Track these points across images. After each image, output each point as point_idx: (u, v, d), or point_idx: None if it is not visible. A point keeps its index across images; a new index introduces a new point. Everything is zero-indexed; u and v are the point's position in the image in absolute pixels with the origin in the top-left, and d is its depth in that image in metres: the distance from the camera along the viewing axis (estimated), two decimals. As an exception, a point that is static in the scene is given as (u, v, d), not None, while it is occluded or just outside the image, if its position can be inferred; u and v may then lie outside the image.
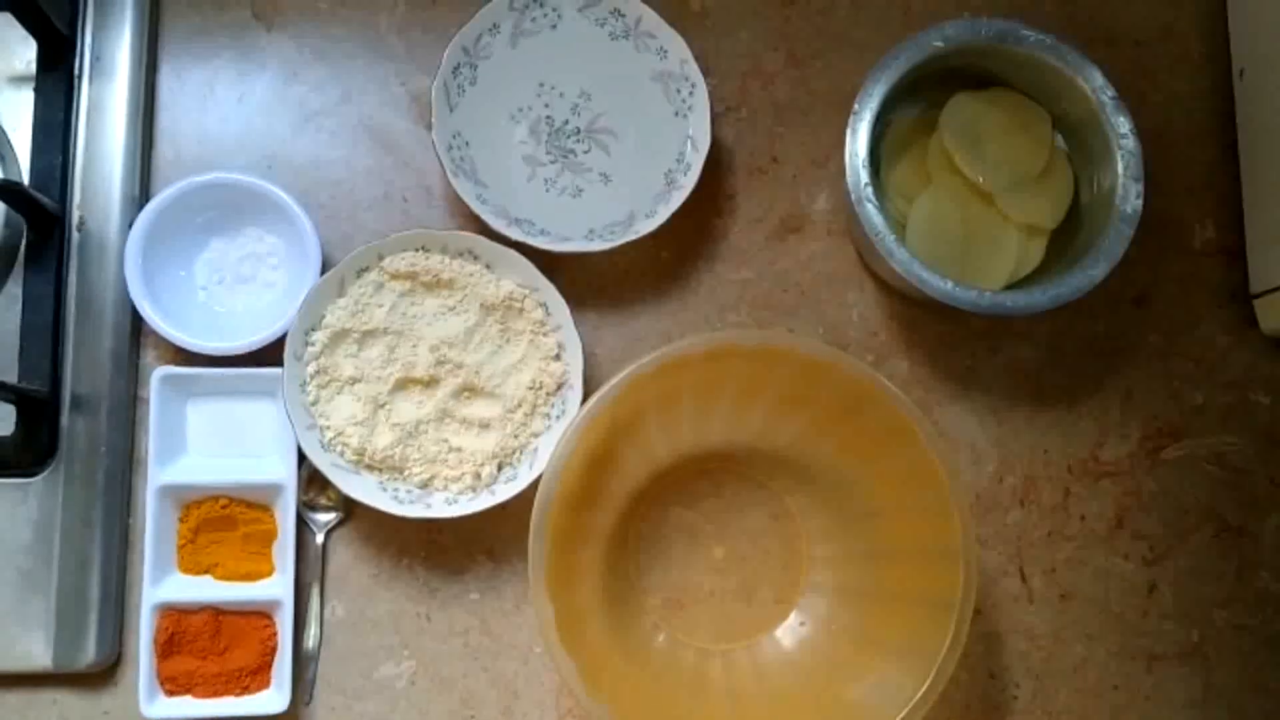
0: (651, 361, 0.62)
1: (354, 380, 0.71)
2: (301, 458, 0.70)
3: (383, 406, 0.71)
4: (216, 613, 0.69)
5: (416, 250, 0.72)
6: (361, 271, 0.71)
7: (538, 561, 0.61)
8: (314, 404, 0.70)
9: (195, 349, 0.70)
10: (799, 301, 0.78)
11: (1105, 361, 0.79)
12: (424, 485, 0.70)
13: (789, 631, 0.73)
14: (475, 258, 0.72)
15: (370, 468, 0.70)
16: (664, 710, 0.66)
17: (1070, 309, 0.72)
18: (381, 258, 0.72)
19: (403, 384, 0.72)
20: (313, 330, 0.71)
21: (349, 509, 0.73)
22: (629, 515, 0.71)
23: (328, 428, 0.70)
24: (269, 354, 0.71)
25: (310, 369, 0.70)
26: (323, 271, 0.72)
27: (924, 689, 0.61)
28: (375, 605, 0.72)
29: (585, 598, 0.67)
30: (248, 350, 0.71)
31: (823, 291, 0.78)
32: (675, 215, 0.73)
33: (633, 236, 0.73)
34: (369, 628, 0.72)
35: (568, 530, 0.63)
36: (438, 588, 0.73)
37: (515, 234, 0.72)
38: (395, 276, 0.72)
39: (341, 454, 0.70)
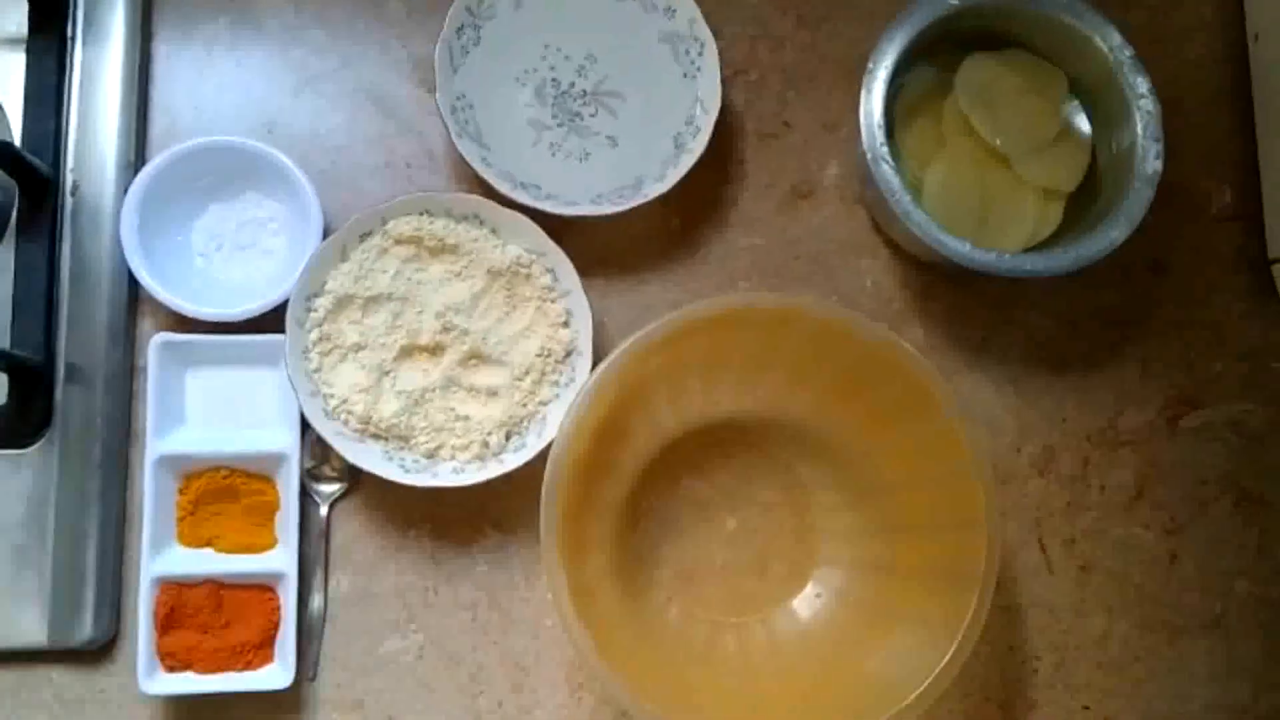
0: (662, 326, 0.60)
1: (358, 347, 0.69)
2: (304, 427, 0.69)
3: (388, 374, 0.69)
4: (218, 586, 0.67)
5: (420, 214, 0.70)
6: (364, 236, 0.70)
7: (550, 529, 0.59)
8: (317, 371, 0.68)
9: (194, 315, 0.68)
10: (811, 269, 0.76)
11: (1122, 330, 0.77)
12: (430, 454, 0.68)
13: (804, 604, 0.71)
14: (481, 222, 0.71)
15: (375, 436, 0.68)
16: (677, 683, 0.64)
17: (1086, 277, 0.71)
18: (385, 222, 0.70)
19: (408, 351, 0.70)
20: (315, 296, 0.69)
21: (354, 479, 0.71)
22: (639, 487, 0.70)
23: (331, 395, 0.68)
24: (269, 321, 0.69)
25: (313, 335, 0.68)
26: (324, 238, 0.70)
27: (944, 662, 0.60)
28: (381, 578, 0.71)
29: (596, 570, 0.65)
30: (248, 317, 0.69)
31: (835, 259, 0.76)
32: (684, 181, 0.72)
33: (641, 200, 0.71)
34: (374, 601, 0.70)
35: (578, 500, 0.61)
36: (444, 560, 0.72)
37: (521, 198, 0.71)
38: (399, 241, 0.70)
39: (346, 422, 0.68)
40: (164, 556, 0.67)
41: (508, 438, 0.69)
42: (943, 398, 0.62)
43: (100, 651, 0.68)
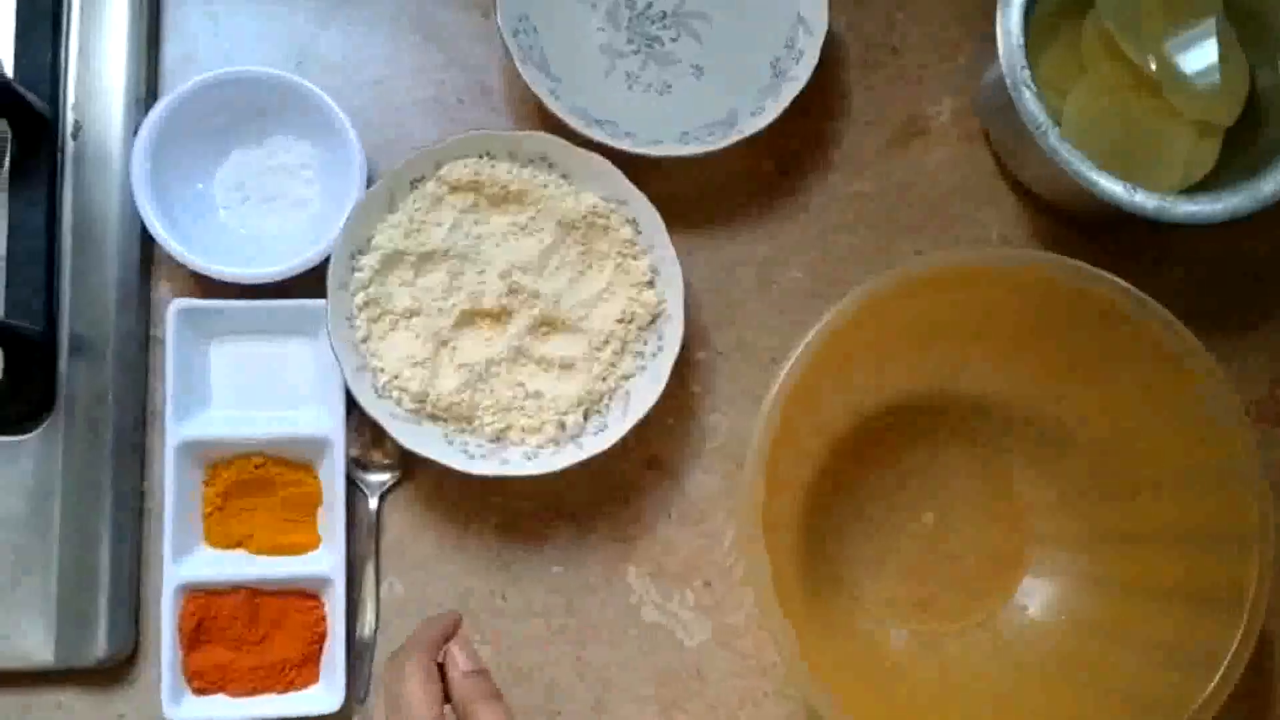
0: (890, 281, 0.55)
1: (411, 313, 0.61)
2: (350, 406, 0.61)
3: (446, 344, 0.61)
4: (253, 593, 0.60)
5: (480, 156, 0.61)
6: (415, 183, 0.61)
7: (754, 507, 0.53)
8: (365, 341, 0.60)
9: (218, 277, 0.60)
10: (925, 218, 0.68)
11: (1274, 286, 0.68)
12: (497, 437, 0.60)
13: (1008, 618, 0.64)
14: (550, 166, 0.62)
15: (433, 417, 0.60)
16: (865, 694, 0.58)
17: (1237, 225, 0.61)
18: (439, 166, 0.61)
19: (469, 317, 0.61)
20: (360, 254, 0.60)
21: (407, 467, 0.63)
22: (826, 471, 0.64)
23: (382, 370, 0.60)
24: (305, 284, 0.61)
25: (359, 300, 0.60)
26: (366, 187, 0.61)
27: (1205, 697, 0.52)
28: (440, 582, 0.63)
29: (779, 561, 0.58)
30: (280, 279, 0.61)
31: (953, 206, 0.68)
32: (778, 117, 0.63)
33: (738, 137, 0.62)
34: (433, 608, 0.63)
35: (769, 488, 0.55)
36: (512, 560, 0.64)
37: (597, 135, 0.61)
38: (455, 189, 0.61)
39: (399, 401, 0.60)
40: (189, 560, 0.60)
41: (586, 417, 0.61)
42: (1214, 390, 0.55)
43: (117, 671, 0.61)
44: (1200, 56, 0.65)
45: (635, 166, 0.62)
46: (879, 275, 0.56)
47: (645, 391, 0.60)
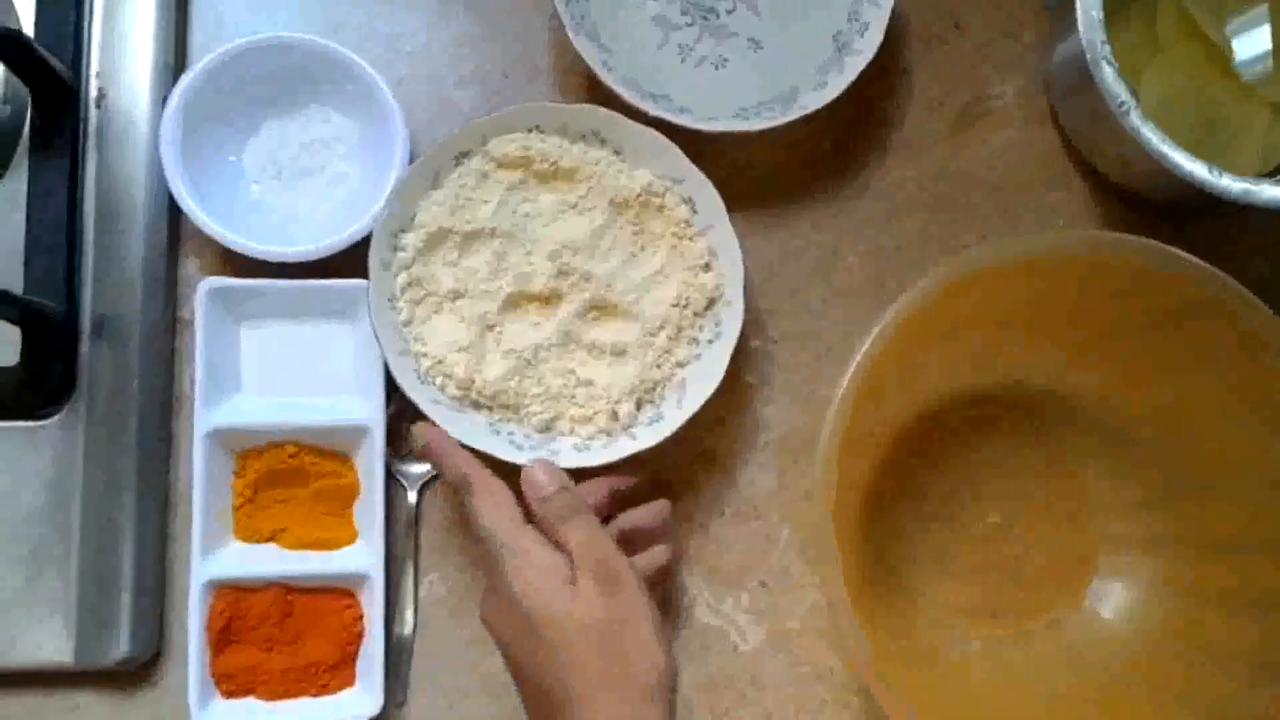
0: (964, 266, 0.53)
1: (455, 295, 0.58)
2: (390, 393, 0.57)
3: (492, 328, 0.58)
4: (285, 591, 0.57)
5: (529, 131, 0.58)
6: (461, 158, 0.58)
7: (826, 512, 0.51)
8: (407, 325, 0.57)
9: (251, 254, 0.57)
10: (990, 204, 0.64)
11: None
12: (545, 427, 0.57)
13: (1076, 625, 0.62)
14: (602, 141, 0.59)
15: (478, 405, 0.57)
16: (929, 702, 0.55)
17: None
18: (486, 140, 0.58)
19: (516, 300, 0.58)
20: (403, 232, 0.57)
21: None
22: (887, 468, 0.61)
23: (425, 354, 0.57)
24: (341, 264, 0.58)
25: (401, 280, 0.57)
26: (407, 162, 0.58)
27: None
28: (483, 579, 0.57)
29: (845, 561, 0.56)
30: (316, 258, 0.57)
31: (1019, 191, 0.65)
32: (840, 95, 0.60)
33: (799, 114, 0.59)
34: (477, 608, 0.57)
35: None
36: None
37: (651, 109, 0.58)
38: (503, 164, 0.58)
39: (443, 388, 0.57)
40: (218, 555, 0.57)
41: (639, 407, 0.58)
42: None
43: (140, 673, 0.58)
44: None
45: (687, 144, 0.58)
46: (952, 259, 0.53)
47: (701, 381, 0.57)
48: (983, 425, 0.62)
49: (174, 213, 0.59)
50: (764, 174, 0.63)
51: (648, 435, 0.57)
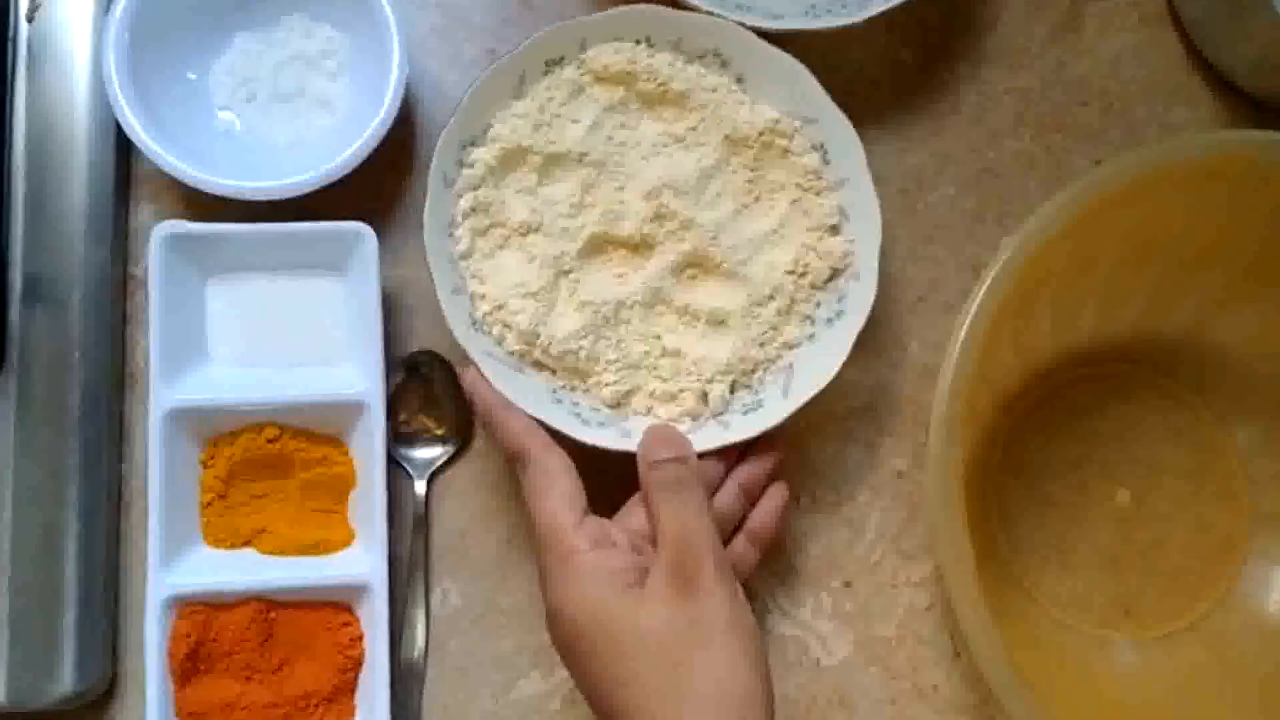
0: (1105, 181, 0.46)
1: (528, 229, 0.51)
2: (390, 366, 0.51)
3: (568, 274, 0.51)
4: (267, 606, 0.49)
5: (637, 42, 0.51)
6: (551, 64, 0.51)
7: (946, 493, 0.44)
8: (466, 258, 0.50)
9: (218, 192, 0.50)
10: (1105, 119, 0.58)
11: None
12: (619, 402, 0.50)
13: (1232, 620, 0.55)
14: (723, 64, 0.52)
15: (541, 365, 0.50)
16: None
17: None
18: (585, 47, 0.51)
19: (600, 244, 0.51)
20: (473, 145, 0.50)
21: (466, 438, 0.53)
22: (994, 439, 0.55)
23: (483, 296, 0.50)
24: (328, 204, 0.51)
25: (465, 203, 0.50)
26: (406, 89, 0.51)
27: None
28: (509, 588, 0.53)
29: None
30: (299, 193, 0.50)
31: (1137, 105, 0.58)
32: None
33: (880, 8, 0.51)
34: (500, 622, 0.53)
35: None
36: None
37: (704, 3, 0.51)
38: (602, 79, 0.52)
39: (500, 339, 0.50)
40: (182, 564, 0.50)
41: (733, 390, 0.51)
42: None
43: (87, 711, 0.51)
44: None
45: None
46: (1082, 179, 0.47)
47: (812, 368, 0.50)
48: (1107, 387, 0.56)
49: (123, 147, 0.52)
50: (838, 89, 0.55)
51: (742, 425, 0.49)
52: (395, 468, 0.52)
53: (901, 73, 0.57)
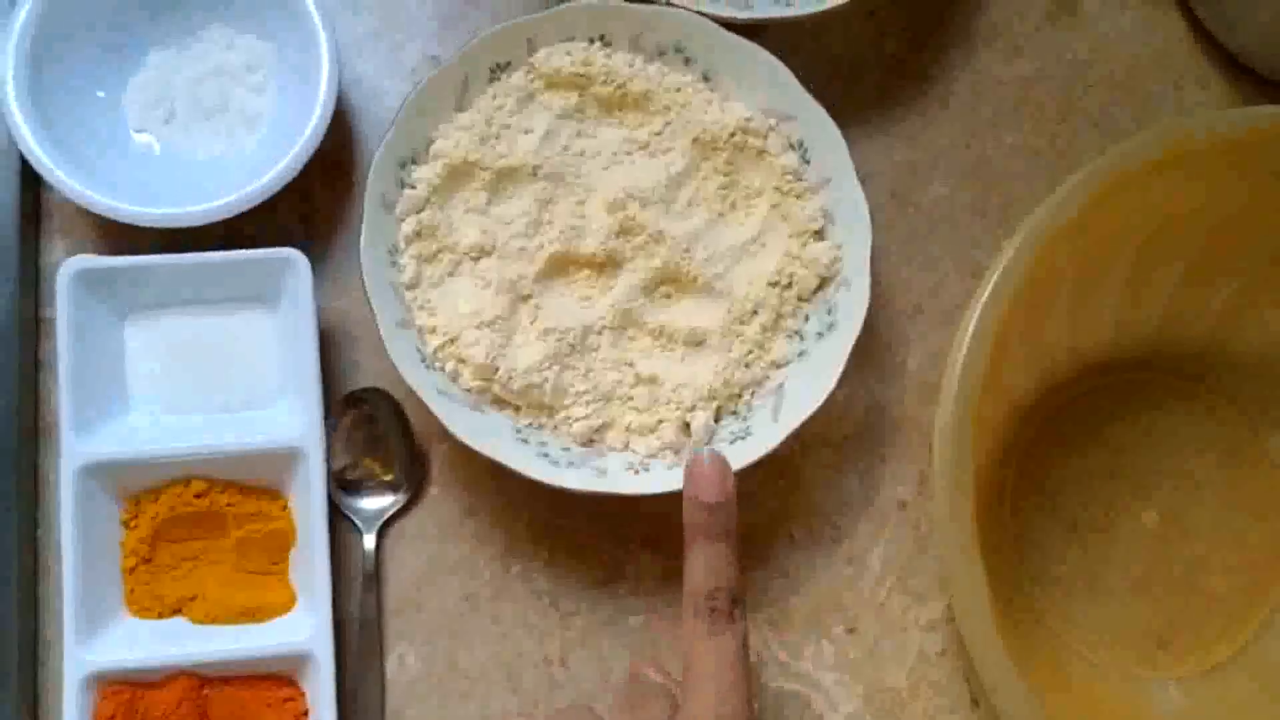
0: (1082, 188, 0.43)
1: (480, 252, 0.48)
2: (329, 407, 0.46)
3: (526, 299, 0.48)
4: (199, 682, 0.44)
5: (591, 41, 0.48)
6: (498, 70, 0.48)
7: (954, 524, 0.41)
8: (412, 287, 0.47)
9: (134, 220, 0.46)
10: (1108, 104, 0.54)
11: None
12: (590, 440, 0.47)
13: (1274, 648, 0.50)
14: (687, 60, 0.49)
15: (502, 403, 0.47)
16: None
17: None
18: (533, 48, 0.48)
19: (561, 264, 0.48)
20: (414, 162, 0.47)
21: (418, 484, 0.48)
22: (1007, 456, 0.52)
23: (433, 329, 0.46)
24: (255, 229, 0.48)
25: (408, 227, 0.47)
26: (341, 100, 0.47)
27: None
28: (472, 648, 0.48)
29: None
30: (223, 217, 0.46)
31: (1143, 88, 0.55)
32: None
33: None
34: (464, 687, 0.47)
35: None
36: (574, 612, 0.48)
37: None
38: (554, 83, 0.48)
39: (455, 375, 0.46)
40: (103, 637, 0.45)
41: (718, 419, 0.47)
42: None
43: None
44: None
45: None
46: (1098, 162, 0.43)
47: (805, 388, 0.46)
48: (1129, 396, 0.52)
49: (28, 176, 0.48)
50: (815, 82, 0.51)
51: (732, 455, 0.45)
52: (340, 520, 0.47)
53: (885, 62, 0.54)
